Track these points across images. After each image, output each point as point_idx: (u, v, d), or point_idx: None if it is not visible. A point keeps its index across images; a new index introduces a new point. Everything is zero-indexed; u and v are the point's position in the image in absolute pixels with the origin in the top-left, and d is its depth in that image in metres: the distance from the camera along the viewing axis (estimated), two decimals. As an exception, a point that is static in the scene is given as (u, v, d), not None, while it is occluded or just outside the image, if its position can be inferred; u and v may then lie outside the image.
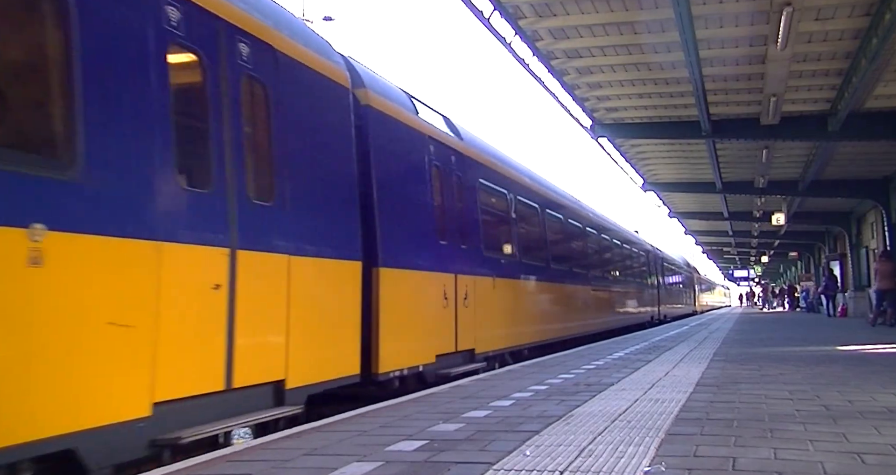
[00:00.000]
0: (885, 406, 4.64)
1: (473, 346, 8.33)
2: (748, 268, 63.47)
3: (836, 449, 3.36)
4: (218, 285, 4.27)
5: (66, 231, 3.30)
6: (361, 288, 5.91)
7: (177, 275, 3.97)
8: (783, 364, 7.68)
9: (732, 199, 27.16)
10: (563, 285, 12.94)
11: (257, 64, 4.81)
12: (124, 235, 3.64)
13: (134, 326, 3.65)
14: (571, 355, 9.53)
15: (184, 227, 4.08)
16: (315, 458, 3.39)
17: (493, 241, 9.77)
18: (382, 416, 4.62)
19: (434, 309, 7.46)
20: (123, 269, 3.63)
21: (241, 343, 4.44)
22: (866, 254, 26.25)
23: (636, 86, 14.64)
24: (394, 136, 6.94)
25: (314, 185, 5.39)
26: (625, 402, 4.95)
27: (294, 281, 4.97)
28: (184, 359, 4.02)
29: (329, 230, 5.56)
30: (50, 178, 3.29)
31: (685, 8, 10.08)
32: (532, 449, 3.47)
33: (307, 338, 5.14)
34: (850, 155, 18.95)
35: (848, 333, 14.25)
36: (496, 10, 11.04)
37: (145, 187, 3.85)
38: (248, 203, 4.60)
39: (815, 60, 12.64)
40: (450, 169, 8.25)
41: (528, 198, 11.33)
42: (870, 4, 10.35)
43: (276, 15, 5.28)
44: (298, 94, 5.25)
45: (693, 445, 3.47)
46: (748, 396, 5.17)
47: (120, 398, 3.58)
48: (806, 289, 37.74)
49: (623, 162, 21.14)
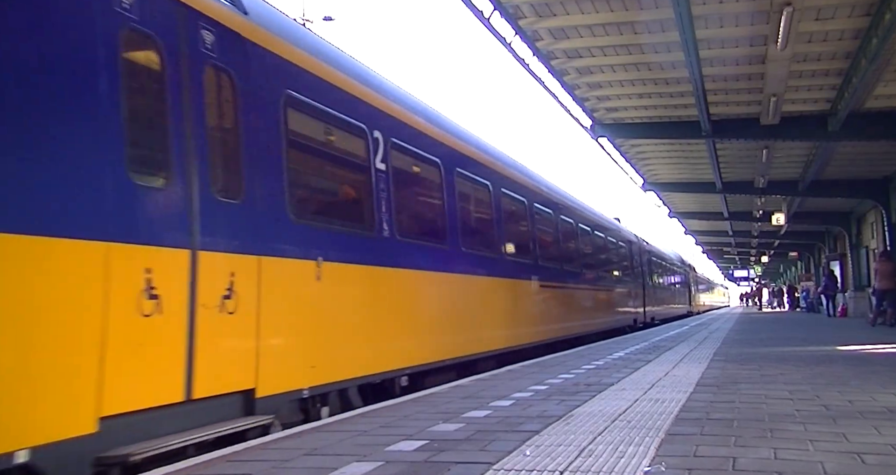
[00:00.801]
0: (885, 406, 4.64)
1: (253, 385, 4.69)
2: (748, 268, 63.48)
3: (836, 449, 3.35)
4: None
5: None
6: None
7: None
8: (783, 364, 7.68)
9: (732, 199, 27.16)
10: (481, 278, 8.97)
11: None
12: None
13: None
14: (571, 355, 9.53)
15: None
16: (315, 458, 3.39)
17: (319, 198, 6.27)
18: (382, 416, 4.62)
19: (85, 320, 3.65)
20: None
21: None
22: (866, 254, 26.26)
23: (636, 86, 14.65)
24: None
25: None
26: (625, 402, 4.95)
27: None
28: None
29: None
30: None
31: (685, 8, 10.08)
32: (532, 449, 3.47)
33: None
34: (850, 155, 18.94)
35: (848, 333, 14.25)
36: (496, 10, 11.04)
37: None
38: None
39: (815, 60, 12.64)
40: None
41: (407, 139, 7.28)
42: (870, 4, 10.35)
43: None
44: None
45: (693, 445, 3.47)
46: (748, 396, 5.17)
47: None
48: (806, 289, 37.75)
49: (623, 162, 21.14)
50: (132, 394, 3.71)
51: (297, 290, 5.28)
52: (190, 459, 3.54)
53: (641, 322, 20.75)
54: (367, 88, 6.62)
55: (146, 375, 3.81)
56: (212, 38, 4.65)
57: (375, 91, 6.80)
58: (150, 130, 4.17)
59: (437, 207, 8.04)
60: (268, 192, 5.03)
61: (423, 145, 7.73)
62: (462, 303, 8.39)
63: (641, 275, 21.78)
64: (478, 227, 9.43)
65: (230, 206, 4.64)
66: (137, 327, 3.75)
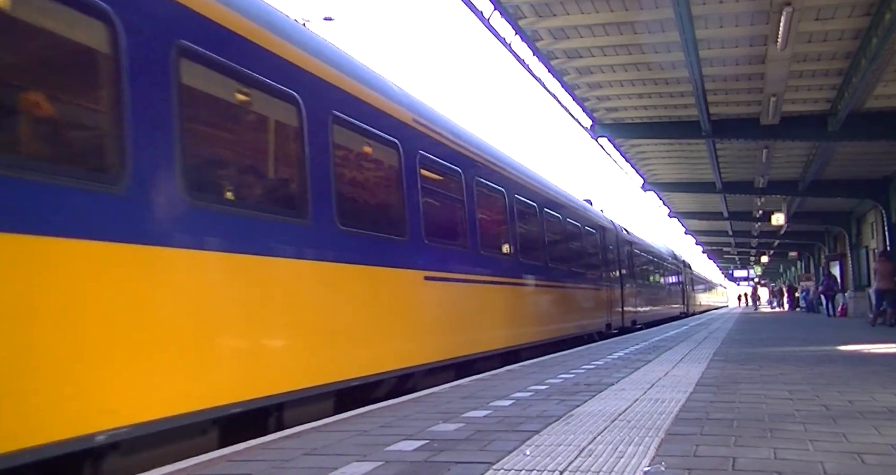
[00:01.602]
0: (885, 406, 4.64)
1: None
2: (748, 268, 63.48)
3: (836, 449, 3.35)
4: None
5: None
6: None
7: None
8: (783, 364, 7.68)
9: (732, 199, 27.17)
10: (370, 268, 6.26)
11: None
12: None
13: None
14: (571, 355, 9.53)
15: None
16: (315, 458, 3.39)
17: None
18: (382, 416, 4.62)
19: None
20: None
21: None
22: (866, 254, 26.26)
23: (636, 86, 14.65)
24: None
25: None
26: (624, 402, 4.95)
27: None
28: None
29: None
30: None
31: (685, 8, 10.09)
32: (532, 449, 3.47)
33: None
34: (850, 155, 18.95)
35: (848, 333, 14.25)
36: (496, 10, 11.05)
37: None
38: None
39: (815, 60, 12.65)
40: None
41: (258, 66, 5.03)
42: (870, 4, 10.36)
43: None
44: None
45: (693, 445, 3.47)
46: (748, 396, 5.17)
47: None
48: (806, 289, 37.76)
49: (623, 162, 21.17)
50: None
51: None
52: (190, 459, 3.54)
53: (617, 326, 17.03)
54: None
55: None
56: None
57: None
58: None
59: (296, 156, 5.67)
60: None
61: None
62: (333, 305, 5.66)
63: (618, 269, 18.13)
64: (399, 206, 6.93)
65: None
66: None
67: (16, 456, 3.12)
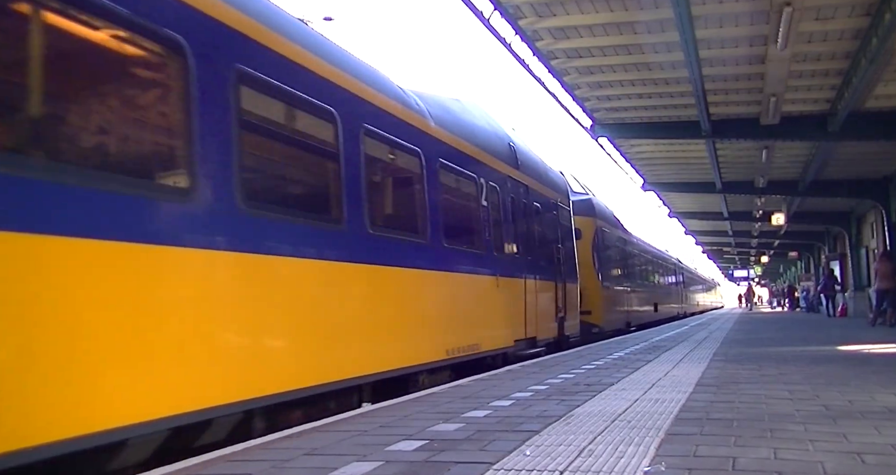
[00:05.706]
0: (885, 406, 4.64)
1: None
2: (748, 268, 63.47)
3: (836, 449, 3.35)
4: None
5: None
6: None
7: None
8: (783, 364, 7.68)
9: (732, 199, 27.17)
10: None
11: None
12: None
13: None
14: (571, 355, 9.53)
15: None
16: (315, 458, 3.39)
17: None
18: (382, 416, 4.62)
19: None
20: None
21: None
22: (866, 254, 26.27)
23: (636, 86, 14.65)
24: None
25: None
26: (625, 402, 4.95)
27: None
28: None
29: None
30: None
31: (685, 8, 10.09)
32: (532, 449, 3.47)
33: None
34: (849, 155, 18.96)
35: (848, 333, 14.25)
36: (496, 10, 11.05)
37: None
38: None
39: (815, 60, 12.65)
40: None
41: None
42: (870, 4, 10.35)
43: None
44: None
45: (693, 445, 3.47)
46: (748, 396, 5.17)
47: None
48: (806, 289, 37.75)
49: (623, 162, 21.16)
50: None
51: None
52: (190, 459, 3.54)
53: (554, 336, 11.43)
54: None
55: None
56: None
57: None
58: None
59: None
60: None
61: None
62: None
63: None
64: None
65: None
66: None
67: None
